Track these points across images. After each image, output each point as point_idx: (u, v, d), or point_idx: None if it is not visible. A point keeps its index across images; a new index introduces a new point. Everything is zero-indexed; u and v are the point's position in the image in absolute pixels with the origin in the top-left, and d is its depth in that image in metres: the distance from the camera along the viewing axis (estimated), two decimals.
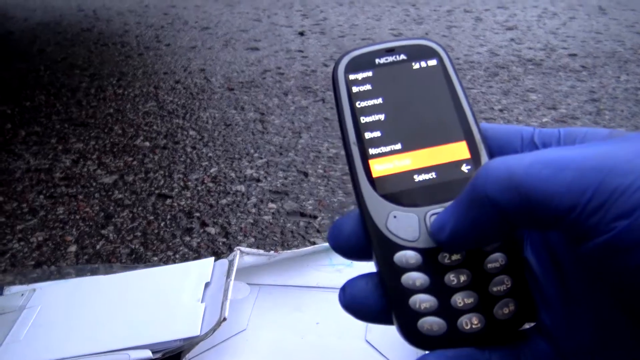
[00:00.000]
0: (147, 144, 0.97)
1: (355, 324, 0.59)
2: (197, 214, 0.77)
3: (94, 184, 0.85)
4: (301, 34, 1.55)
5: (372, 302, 0.24)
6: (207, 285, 0.57)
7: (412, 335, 0.23)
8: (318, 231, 0.73)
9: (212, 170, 0.88)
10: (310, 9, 1.77)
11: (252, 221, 0.75)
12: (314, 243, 0.70)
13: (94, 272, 0.63)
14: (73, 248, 0.70)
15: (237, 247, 0.61)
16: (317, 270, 0.62)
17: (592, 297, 0.21)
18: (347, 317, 0.63)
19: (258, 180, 0.85)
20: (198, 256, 0.69)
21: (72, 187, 0.84)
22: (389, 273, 0.24)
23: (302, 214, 0.76)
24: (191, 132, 1.01)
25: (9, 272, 0.66)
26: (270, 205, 0.79)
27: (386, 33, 1.53)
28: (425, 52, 0.27)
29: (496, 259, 0.24)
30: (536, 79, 1.19)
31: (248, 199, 0.80)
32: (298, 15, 1.71)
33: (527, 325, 0.25)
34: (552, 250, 0.24)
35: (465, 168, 0.25)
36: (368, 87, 0.26)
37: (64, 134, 1.02)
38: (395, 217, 0.24)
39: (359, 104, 0.26)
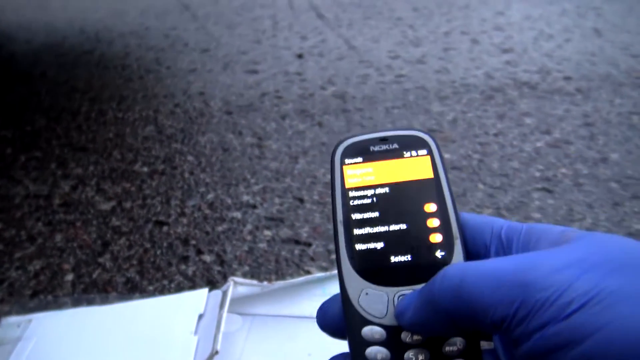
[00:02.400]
0: (146, 169, 0.98)
1: None
2: (193, 242, 0.78)
3: (92, 210, 0.86)
4: (300, 56, 1.57)
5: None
6: (200, 317, 0.58)
7: None
8: (312, 259, 0.73)
9: (209, 196, 0.89)
10: (309, 30, 1.79)
11: (247, 249, 0.76)
12: (307, 272, 0.71)
13: (90, 302, 0.64)
14: (70, 277, 0.71)
15: (231, 278, 0.62)
16: (309, 300, 0.62)
17: None
18: (339, 349, 0.64)
19: (254, 207, 0.86)
20: (193, 285, 0.70)
21: (71, 214, 0.85)
22: (356, 345, 0.26)
23: (297, 242, 0.77)
24: (189, 157, 1.02)
25: (7, 301, 0.66)
26: (266, 232, 0.79)
27: (384, 55, 1.55)
28: (416, 143, 0.29)
29: (454, 343, 0.25)
30: (531, 102, 1.20)
31: (244, 225, 0.81)
32: (297, 37, 1.74)
33: None
34: (509, 344, 0.26)
35: (439, 254, 0.27)
36: (360, 172, 0.29)
37: (63, 159, 1.03)
38: (367, 293, 0.26)
39: (351, 187, 0.29)
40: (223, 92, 1.32)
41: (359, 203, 0.28)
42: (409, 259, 0.27)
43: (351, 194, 0.28)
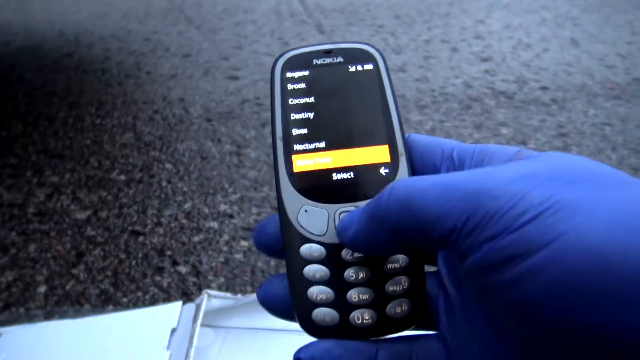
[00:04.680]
0: (123, 177, 0.98)
1: None
2: (169, 252, 0.78)
3: (67, 220, 0.85)
4: None
5: (282, 299, 0.25)
6: (173, 331, 0.58)
7: (307, 323, 0.25)
8: None
9: (186, 205, 0.89)
10: (292, 36, 1.79)
11: (223, 260, 0.76)
12: None
13: (62, 316, 0.64)
14: (42, 289, 0.70)
15: (205, 291, 0.62)
16: None
17: (479, 314, 0.23)
18: None
19: (231, 217, 0.86)
20: (168, 297, 0.69)
21: (45, 224, 0.84)
22: (294, 263, 0.25)
23: None
24: (167, 165, 1.02)
25: None
26: (242, 243, 0.80)
27: None
28: (362, 56, 0.28)
29: (397, 260, 0.25)
30: (508, 112, 1.22)
31: (220, 236, 0.81)
32: (279, 43, 1.74)
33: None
34: (454, 265, 0.25)
35: (383, 171, 0.25)
36: (302, 85, 0.27)
37: (39, 166, 1.02)
38: (306, 211, 0.25)
39: (291, 101, 0.27)
40: (203, 99, 1.32)
41: (300, 117, 0.26)
42: (352, 175, 0.25)
43: (291, 108, 0.27)
